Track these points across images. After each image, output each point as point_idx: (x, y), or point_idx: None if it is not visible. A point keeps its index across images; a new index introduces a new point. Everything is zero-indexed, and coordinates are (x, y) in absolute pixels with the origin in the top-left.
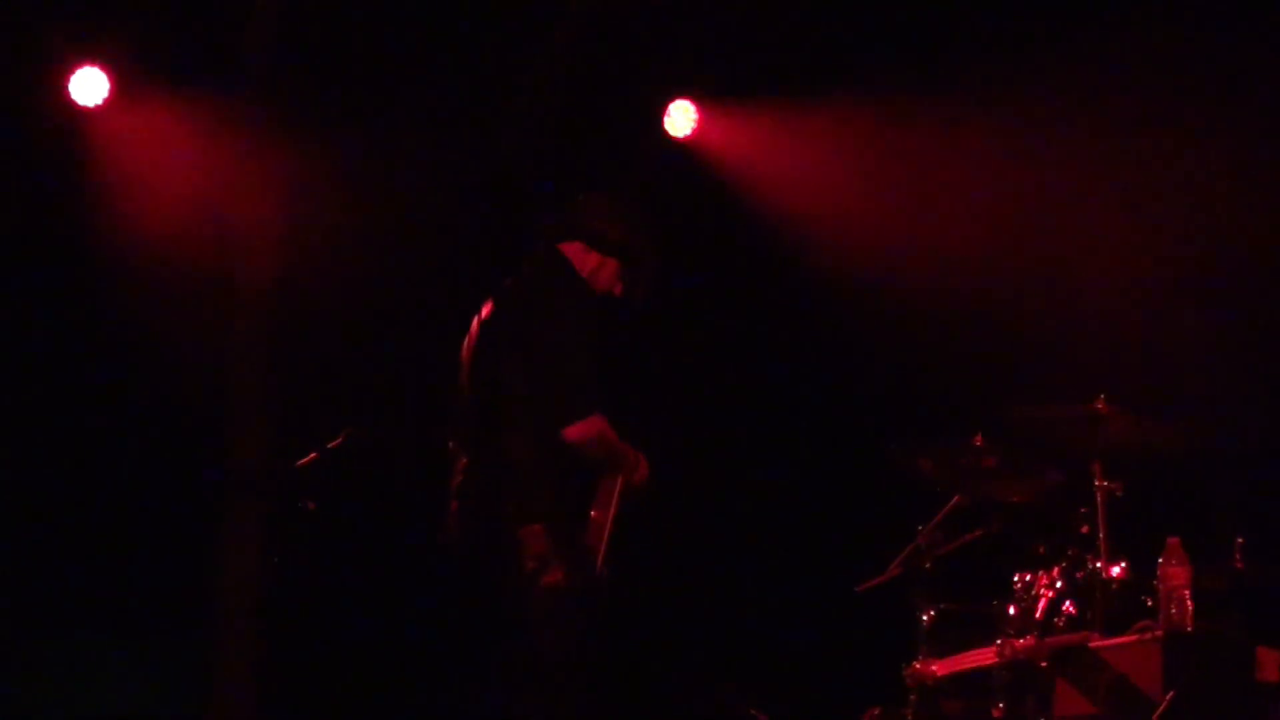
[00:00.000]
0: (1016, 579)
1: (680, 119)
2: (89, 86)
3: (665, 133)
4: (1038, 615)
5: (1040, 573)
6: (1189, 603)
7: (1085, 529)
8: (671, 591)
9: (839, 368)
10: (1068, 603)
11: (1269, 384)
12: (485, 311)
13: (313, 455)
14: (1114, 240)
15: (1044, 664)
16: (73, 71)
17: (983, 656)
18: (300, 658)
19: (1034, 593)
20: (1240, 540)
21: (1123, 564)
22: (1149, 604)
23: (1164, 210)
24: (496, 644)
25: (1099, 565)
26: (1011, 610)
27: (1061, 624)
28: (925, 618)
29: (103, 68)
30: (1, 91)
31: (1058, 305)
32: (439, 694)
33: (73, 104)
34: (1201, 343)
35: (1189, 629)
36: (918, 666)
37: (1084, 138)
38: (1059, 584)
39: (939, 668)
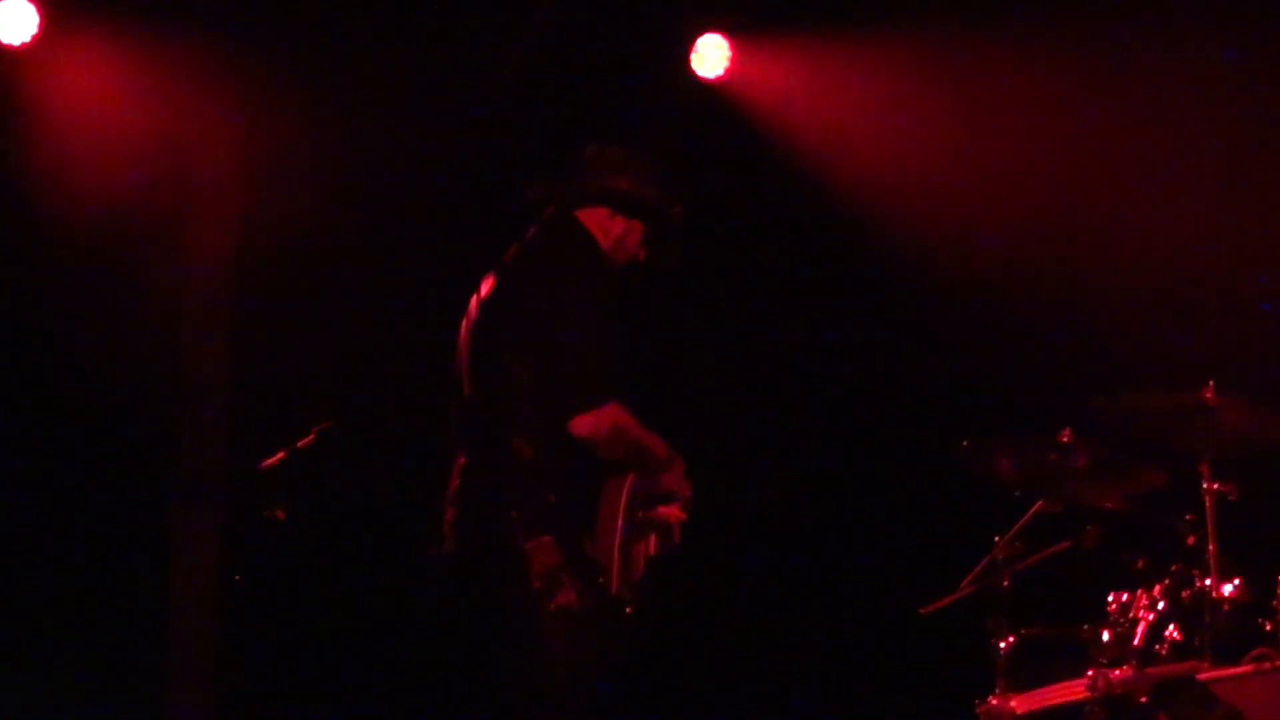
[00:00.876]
0: (1111, 599)
1: (710, 56)
2: (15, 21)
3: (692, 73)
4: (1136, 642)
5: (1139, 592)
6: None
7: (1192, 540)
8: (711, 615)
9: (898, 348)
10: (1171, 627)
11: None
12: (485, 289)
13: (280, 456)
14: (1223, 197)
15: (1144, 699)
16: None
17: (1071, 690)
18: (268, 691)
19: (1132, 615)
20: None
21: (1236, 581)
22: (1267, 629)
23: None
24: (497, 675)
25: (1208, 583)
26: (1105, 636)
27: (1164, 652)
28: (1003, 645)
29: (31, 0)
30: None
31: (1156, 275)
32: None
33: None
34: None
35: None
36: (994, 702)
37: (1183, 80)
38: (1161, 605)
39: (1019, 704)
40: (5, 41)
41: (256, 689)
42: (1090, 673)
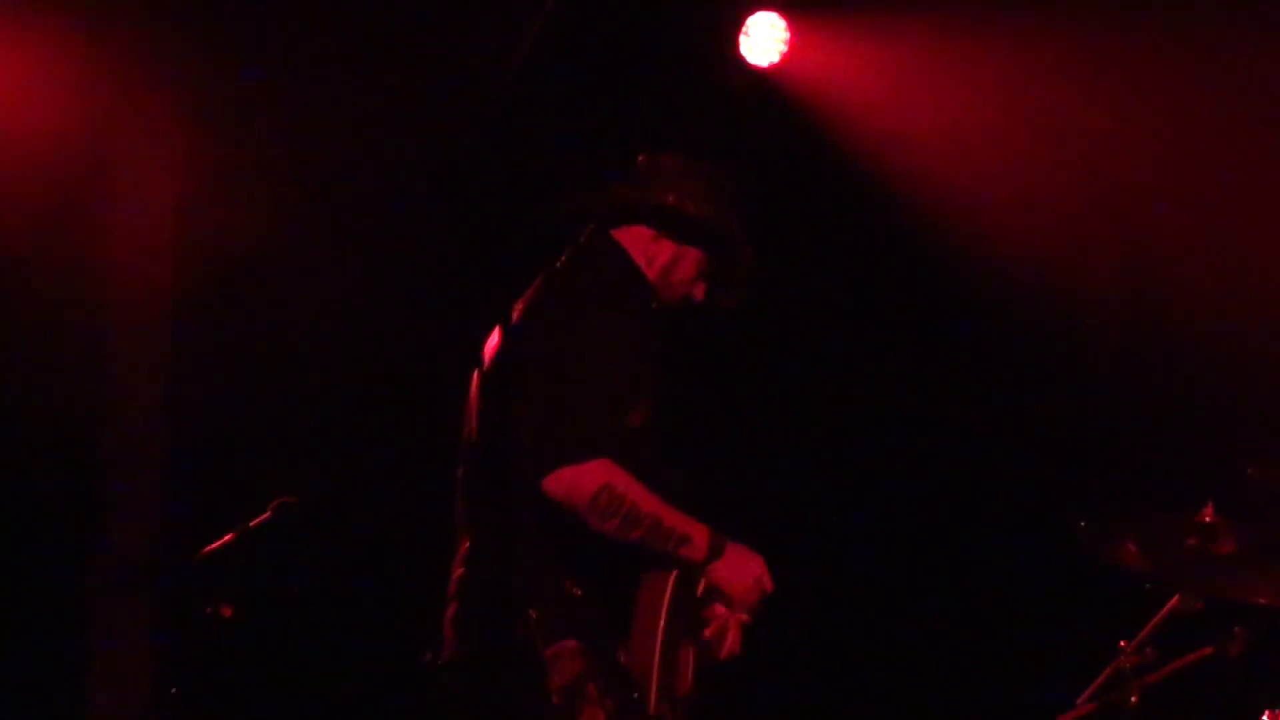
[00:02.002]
0: (1266, 718)
1: (764, 39)
2: None
3: (741, 59)
4: None
5: None
6: None
7: None
8: None
9: (999, 400)
10: None
11: None
12: (499, 332)
13: (227, 537)
14: None
15: None
16: None
17: None
18: None
19: None
20: None
21: None
22: None
23: None
24: None
25: None
26: None
27: None
28: None
29: None
30: None
31: None
32: None
33: None
34: None
35: None
36: None
37: None
38: None
39: None
40: None
41: None
42: None
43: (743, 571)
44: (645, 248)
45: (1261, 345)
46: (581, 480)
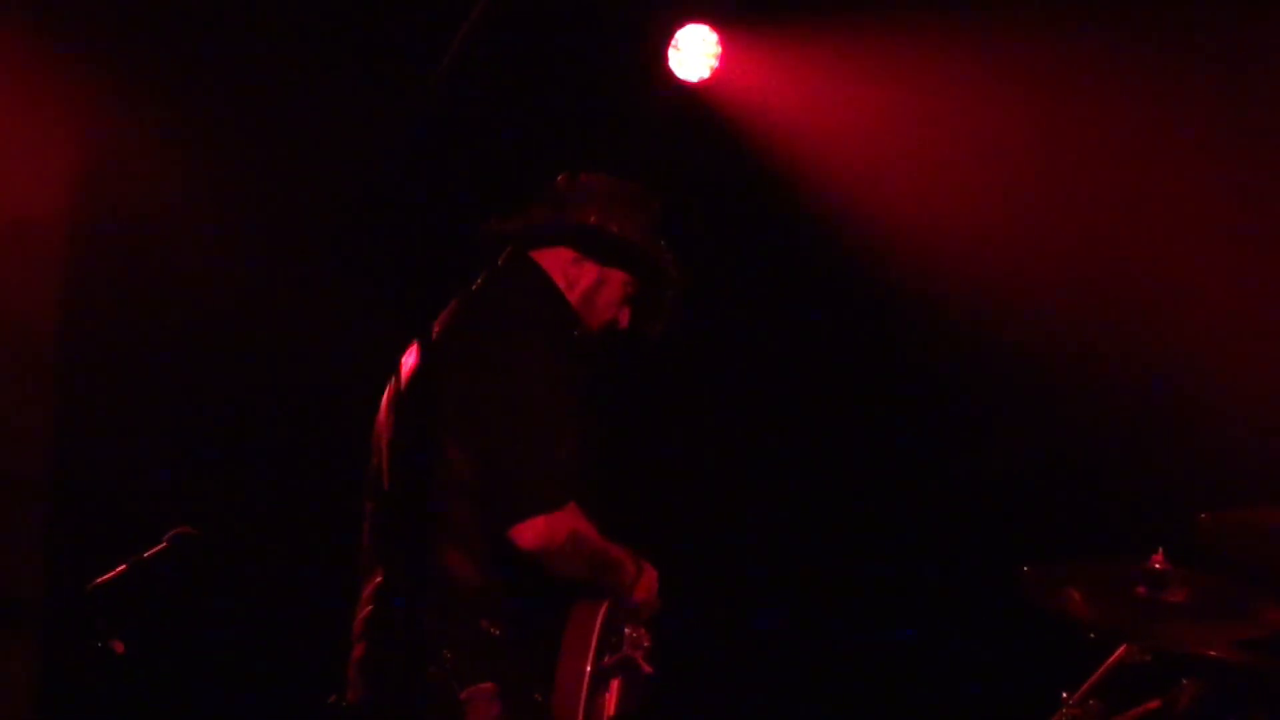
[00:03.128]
0: None
1: (695, 53)
2: None
3: (669, 74)
4: None
5: None
6: None
7: None
8: None
9: (939, 439)
10: None
11: None
12: (415, 355)
13: (119, 569)
14: None
15: None
16: None
17: None
18: None
19: None
20: None
21: None
22: None
23: None
24: None
25: None
26: None
27: None
28: None
29: None
30: None
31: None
32: None
33: None
34: None
35: None
36: None
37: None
38: None
39: None
40: None
41: None
42: None
43: (651, 586)
44: (566, 270)
45: (1214, 389)
46: (555, 528)
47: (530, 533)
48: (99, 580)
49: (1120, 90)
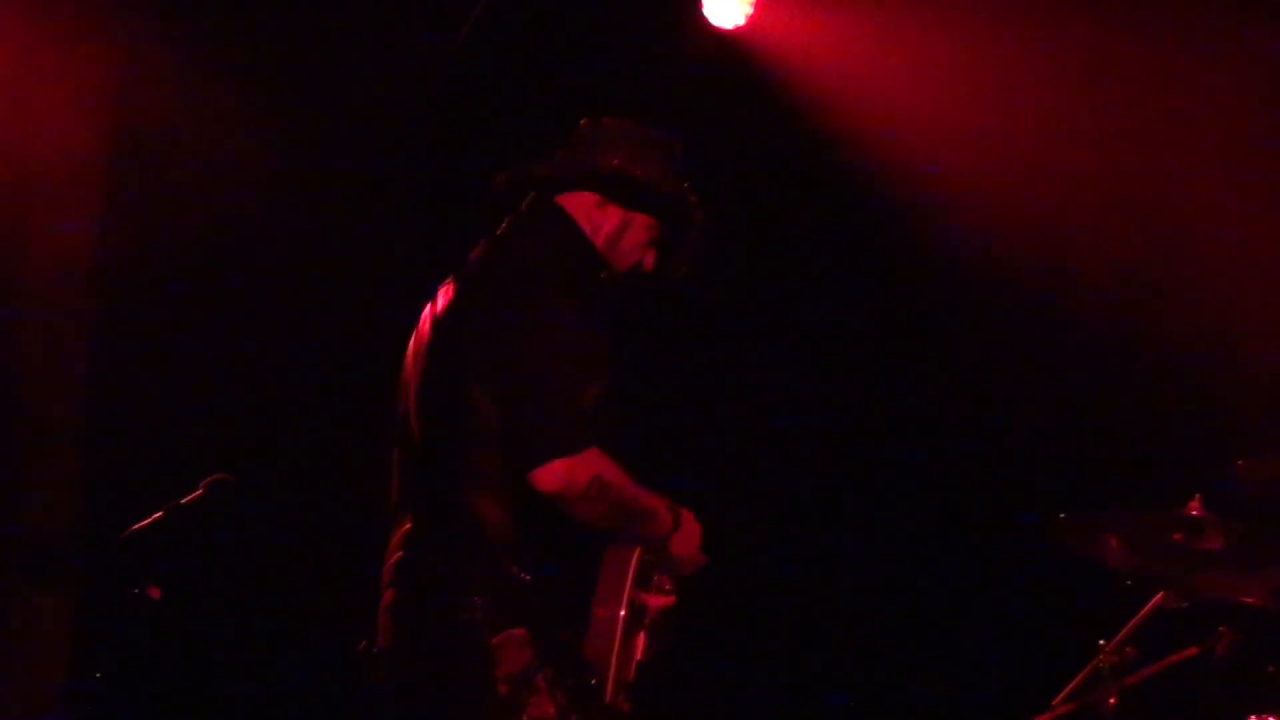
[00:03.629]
0: None
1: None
2: None
3: (704, 21)
4: None
5: None
6: None
7: None
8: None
9: (979, 391)
10: None
11: None
12: (442, 300)
13: (155, 516)
14: None
15: None
16: None
17: None
18: None
19: None
20: None
21: None
22: None
23: None
24: None
25: None
26: None
27: None
28: None
29: None
30: None
31: None
32: None
33: None
34: None
35: None
36: None
37: None
38: None
39: None
40: None
41: None
42: None
43: (693, 539)
44: (590, 214)
45: (1251, 336)
46: (576, 472)
47: (550, 476)
48: (135, 527)
49: (1164, 52)
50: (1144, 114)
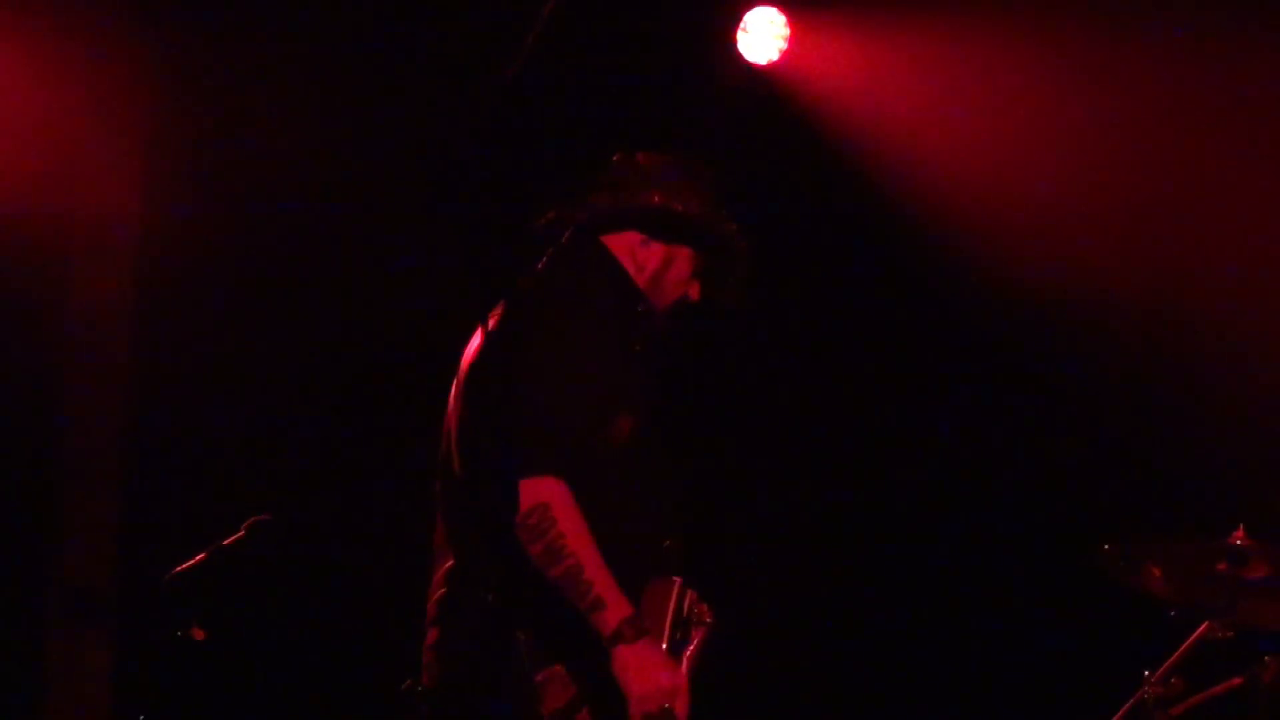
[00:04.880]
0: None
1: (763, 35)
2: None
3: (739, 57)
4: None
5: None
6: None
7: None
8: None
9: (1019, 418)
10: None
11: None
12: (477, 340)
13: (199, 558)
14: None
15: None
16: None
17: None
18: None
19: None
20: None
21: None
22: None
23: None
24: None
25: None
26: None
27: None
28: None
29: None
30: None
31: None
32: None
33: None
34: None
35: None
36: None
37: None
38: None
39: None
40: None
41: None
42: None
43: (650, 676)
44: (635, 253)
45: None
46: (524, 494)
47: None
48: (178, 569)
49: (1187, 88)
50: (1171, 141)
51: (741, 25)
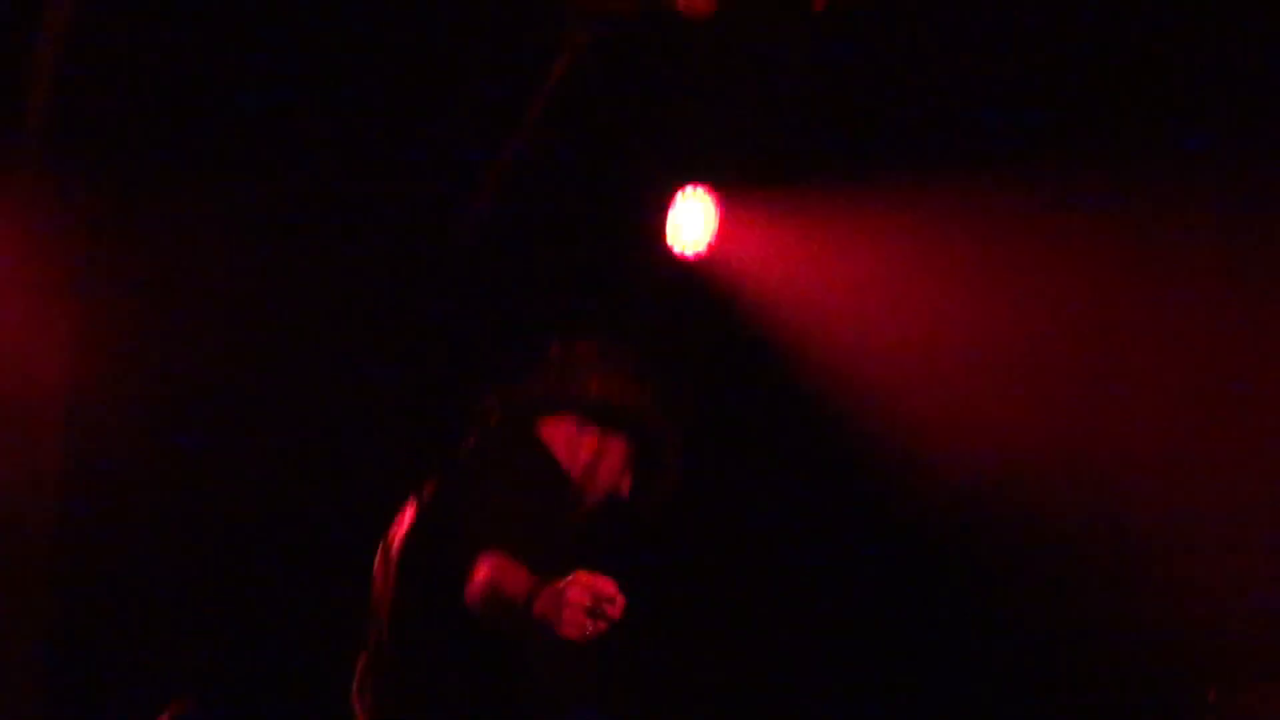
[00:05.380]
0: None
1: (692, 222)
2: None
3: (668, 248)
4: None
5: None
6: None
7: None
8: None
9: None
10: None
11: None
12: (403, 527)
13: None
14: None
15: None
16: None
17: None
18: None
19: None
20: None
21: None
22: None
23: None
24: None
25: None
26: None
27: None
28: None
29: None
30: None
31: None
32: None
33: None
34: None
35: None
36: None
37: None
38: None
39: None
40: None
41: None
42: None
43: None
44: (570, 441)
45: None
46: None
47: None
48: None
49: (1119, 271)
50: (1121, 320)
51: (671, 214)
